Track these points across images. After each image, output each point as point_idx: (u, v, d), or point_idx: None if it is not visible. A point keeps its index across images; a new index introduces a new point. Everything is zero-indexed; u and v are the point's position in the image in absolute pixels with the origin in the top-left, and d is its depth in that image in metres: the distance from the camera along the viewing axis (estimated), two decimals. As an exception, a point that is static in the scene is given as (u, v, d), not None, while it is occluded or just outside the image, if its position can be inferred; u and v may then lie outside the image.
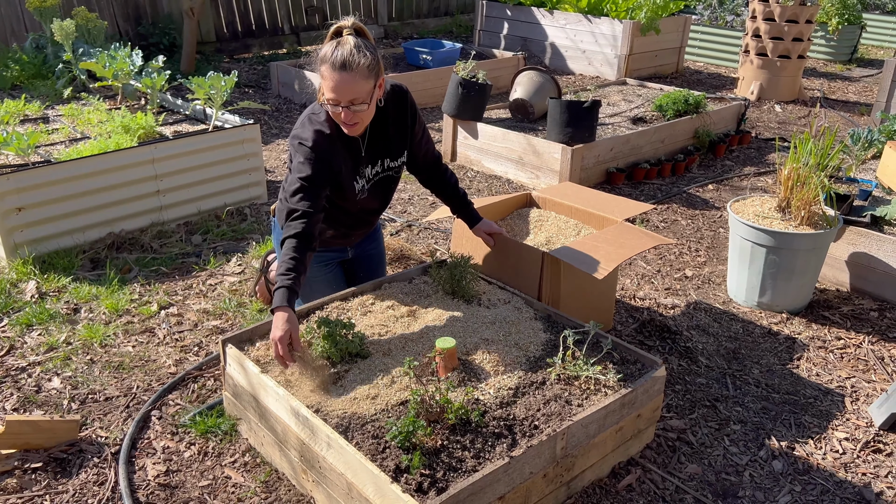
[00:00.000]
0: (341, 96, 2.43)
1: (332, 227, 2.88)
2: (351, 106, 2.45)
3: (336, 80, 2.40)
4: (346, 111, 2.46)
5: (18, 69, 5.75)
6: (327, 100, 2.46)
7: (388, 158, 2.80)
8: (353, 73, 2.39)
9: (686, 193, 5.14)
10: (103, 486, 2.43)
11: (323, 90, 2.48)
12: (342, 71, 2.39)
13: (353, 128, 2.55)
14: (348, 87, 2.41)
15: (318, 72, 2.47)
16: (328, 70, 2.41)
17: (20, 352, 3.12)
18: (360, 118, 2.52)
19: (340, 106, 2.45)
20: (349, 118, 2.49)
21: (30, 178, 3.79)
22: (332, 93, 2.43)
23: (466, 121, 5.46)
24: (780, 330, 3.47)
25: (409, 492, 2.00)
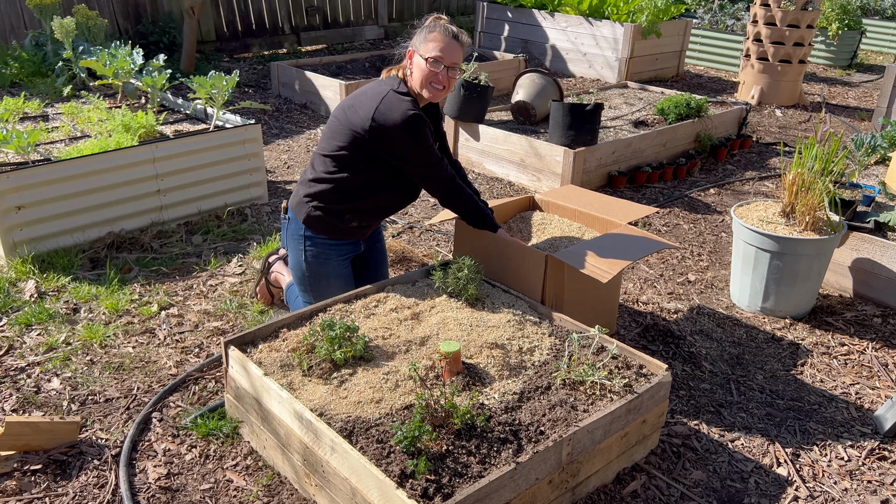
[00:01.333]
0: (448, 57, 2.71)
1: (357, 217, 2.92)
2: (449, 69, 2.72)
3: (448, 43, 2.70)
4: (444, 72, 2.72)
5: (18, 67, 5.72)
6: (432, 57, 2.68)
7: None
8: (460, 43, 2.76)
9: (688, 197, 5.13)
10: (104, 488, 2.40)
11: (425, 51, 2.70)
12: (454, 39, 2.73)
13: (441, 92, 2.79)
14: (456, 51, 2.73)
15: (424, 40, 2.72)
16: (441, 35, 2.70)
17: (19, 352, 3.10)
18: (451, 83, 2.78)
19: (443, 65, 2.70)
20: (444, 80, 2.74)
21: (29, 177, 3.76)
22: (441, 52, 2.69)
23: (468, 123, 5.45)
24: (783, 335, 3.46)
25: (414, 497, 1.99)
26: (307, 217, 2.90)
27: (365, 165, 2.80)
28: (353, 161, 2.78)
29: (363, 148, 2.75)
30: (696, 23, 9.82)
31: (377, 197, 2.89)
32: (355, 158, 2.77)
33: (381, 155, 2.76)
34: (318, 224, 2.90)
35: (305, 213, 2.90)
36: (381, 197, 2.91)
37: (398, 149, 2.73)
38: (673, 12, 8.20)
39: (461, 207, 2.98)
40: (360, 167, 2.80)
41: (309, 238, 2.94)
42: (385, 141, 2.71)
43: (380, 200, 2.93)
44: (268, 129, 6.28)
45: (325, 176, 2.85)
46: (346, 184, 2.83)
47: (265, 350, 2.60)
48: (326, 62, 7.57)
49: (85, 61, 5.14)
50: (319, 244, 2.95)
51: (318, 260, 2.96)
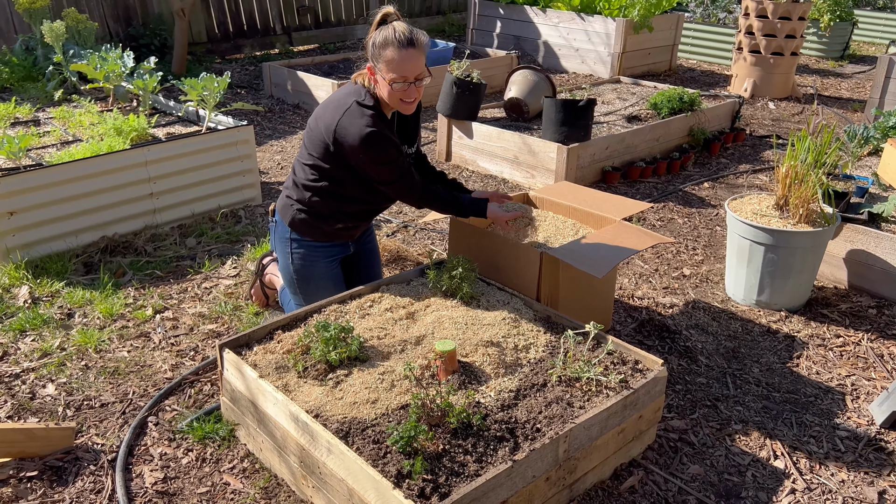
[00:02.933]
0: (410, 72, 2.53)
1: (344, 220, 2.89)
2: (416, 81, 2.56)
3: (405, 57, 2.50)
4: (412, 87, 2.57)
5: (8, 72, 5.69)
6: (392, 80, 2.53)
7: (407, 145, 2.90)
8: (418, 48, 2.54)
9: (682, 192, 5.13)
10: (100, 494, 2.39)
11: (383, 74, 2.54)
12: (410, 48, 2.51)
13: (411, 105, 2.64)
14: (416, 62, 2.53)
15: (378, 57, 2.54)
16: (395, 50, 2.49)
17: (13, 358, 3.08)
18: (419, 95, 2.64)
19: (408, 82, 2.54)
20: (412, 95, 2.60)
21: (21, 182, 3.74)
22: (402, 71, 2.51)
23: (461, 120, 5.44)
24: (779, 328, 3.46)
25: (411, 497, 1.98)
26: (292, 220, 2.89)
27: (343, 174, 2.77)
28: (331, 171, 2.76)
29: (336, 158, 2.72)
30: (689, 16, 9.82)
31: (361, 200, 2.87)
32: (332, 169, 2.74)
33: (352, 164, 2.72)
34: (304, 227, 2.89)
35: (291, 217, 2.89)
36: (364, 200, 2.89)
37: (359, 164, 2.67)
38: (665, 6, 8.20)
39: (438, 208, 2.95)
40: (338, 176, 2.77)
41: (295, 241, 2.93)
42: (348, 154, 2.66)
43: (363, 203, 2.90)
44: (261, 130, 6.27)
45: (307, 183, 2.83)
46: (327, 191, 2.81)
47: (260, 352, 2.59)
48: (319, 62, 7.55)
49: (76, 65, 5.12)
50: (306, 247, 2.94)
51: (305, 262, 2.95)
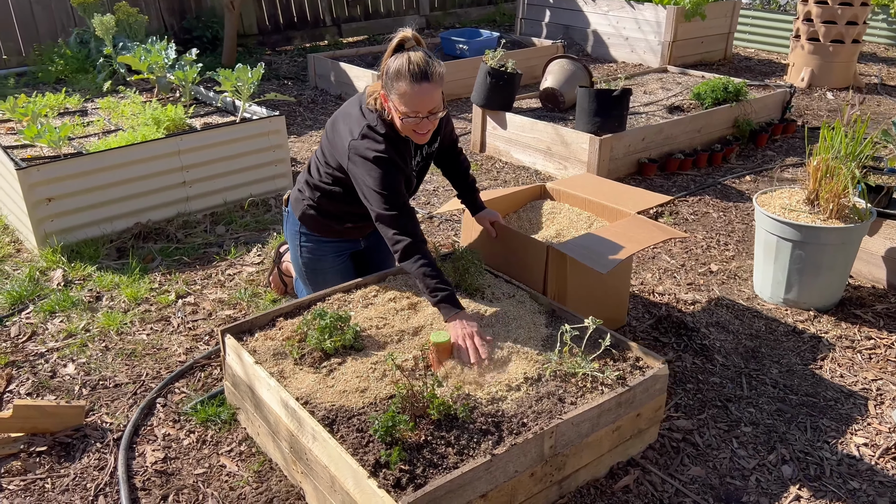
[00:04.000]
0: (423, 108, 2.41)
1: (353, 220, 2.89)
2: (430, 115, 2.45)
3: (417, 91, 2.37)
4: (425, 121, 2.45)
5: (63, 63, 5.94)
6: (404, 114, 2.42)
7: (427, 146, 2.82)
8: (432, 82, 2.39)
9: (721, 185, 4.97)
10: (103, 471, 2.48)
11: (396, 105, 2.43)
12: (424, 82, 2.37)
13: (425, 136, 2.54)
14: (430, 96, 2.40)
15: (391, 88, 2.42)
16: (408, 84, 2.37)
17: (41, 338, 3.22)
18: (434, 126, 2.52)
19: (419, 117, 2.43)
20: (426, 127, 2.48)
21: (59, 170, 3.90)
22: (414, 106, 2.40)
23: (495, 111, 5.39)
24: (805, 328, 3.32)
25: (385, 487, 1.98)
26: (302, 215, 2.91)
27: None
28: (345, 180, 2.70)
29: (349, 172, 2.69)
30: (747, 3, 9.47)
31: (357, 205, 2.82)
32: (346, 178, 2.69)
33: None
34: (313, 223, 2.91)
35: (301, 211, 2.91)
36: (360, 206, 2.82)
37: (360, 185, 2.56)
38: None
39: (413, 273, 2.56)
40: (351, 186, 2.71)
41: (304, 234, 2.95)
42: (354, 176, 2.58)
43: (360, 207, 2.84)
44: (302, 121, 6.36)
45: (320, 185, 2.81)
46: (339, 195, 2.79)
47: (261, 339, 2.64)
48: (363, 53, 7.60)
49: (122, 57, 5.30)
50: (315, 241, 2.95)
51: (313, 256, 2.97)
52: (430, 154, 2.85)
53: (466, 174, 3.08)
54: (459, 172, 3.06)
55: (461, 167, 3.06)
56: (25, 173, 3.79)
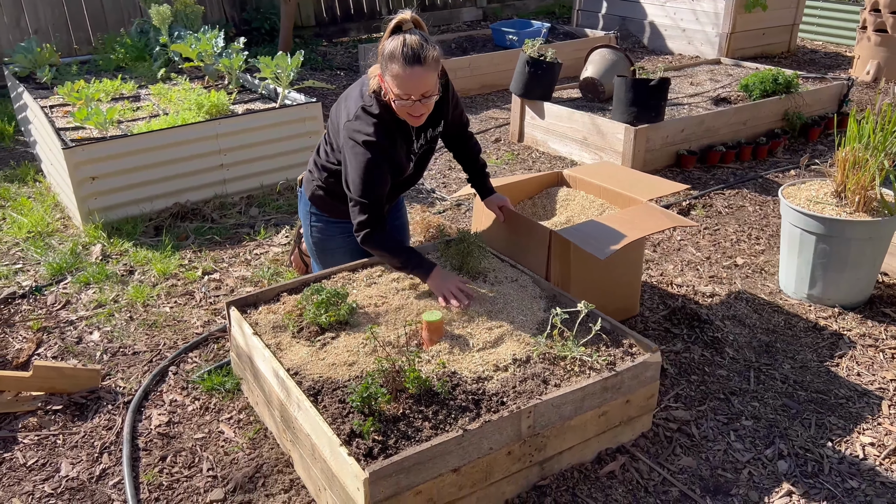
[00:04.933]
0: (414, 91, 2.41)
1: None
2: (422, 99, 2.45)
3: (409, 74, 2.37)
4: (417, 104, 2.45)
5: (123, 52, 6.21)
6: (397, 96, 2.42)
7: (430, 129, 2.83)
8: (425, 66, 2.38)
9: (762, 178, 4.81)
10: (110, 430, 2.63)
11: (390, 87, 2.44)
12: (416, 65, 2.36)
13: (419, 118, 2.55)
14: (421, 80, 2.39)
15: (385, 69, 2.43)
16: (400, 67, 2.37)
17: (73, 307, 3.42)
18: (427, 109, 2.52)
19: (412, 100, 2.44)
20: (419, 110, 2.48)
21: (103, 150, 4.11)
22: (406, 89, 2.40)
23: (533, 100, 5.37)
24: (827, 325, 3.20)
25: (356, 455, 2.04)
26: (312, 195, 2.97)
27: None
28: None
29: None
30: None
31: None
32: None
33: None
34: (322, 203, 2.97)
35: (311, 191, 2.98)
36: None
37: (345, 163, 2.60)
38: (783, -17, 7.65)
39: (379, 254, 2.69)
40: None
41: (315, 215, 3.01)
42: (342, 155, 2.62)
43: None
44: (347, 109, 6.46)
45: (328, 165, 2.87)
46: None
47: (264, 312, 2.73)
48: (413, 44, 7.66)
49: (174, 45, 5.52)
50: (324, 221, 3.01)
51: (323, 235, 3.03)
52: (434, 137, 2.87)
53: (476, 158, 3.08)
54: (469, 156, 3.06)
55: (471, 151, 3.06)
56: (71, 152, 4.01)
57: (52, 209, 4.45)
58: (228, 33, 7.63)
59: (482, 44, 7.66)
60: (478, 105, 6.61)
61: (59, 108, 4.96)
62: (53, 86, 5.41)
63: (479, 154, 3.09)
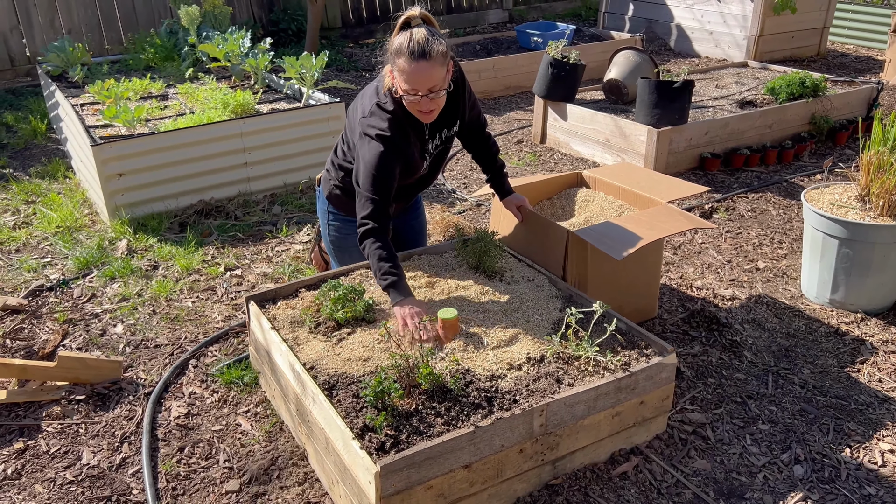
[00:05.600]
0: (421, 86, 2.43)
1: None
2: (429, 94, 2.46)
3: (415, 68, 2.39)
4: (425, 100, 2.47)
5: (153, 52, 6.32)
6: (405, 91, 2.45)
7: (446, 129, 2.85)
8: (431, 60, 2.39)
9: (787, 182, 4.76)
10: (131, 421, 2.68)
11: (398, 82, 2.47)
12: (421, 60, 2.38)
13: (430, 115, 2.57)
14: (427, 74, 2.41)
15: (393, 64, 2.46)
16: (406, 61, 2.40)
17: (98, 300, 3.49)
18: (437, 105, 2.54)
19: (419, 95, 2.46)
20: (427, 106, 2.50)
21: (130, 147, 4.19)
22: (412, 83, 2.42)
23: (556, 102, 5.37)
24: (849, 331, 3.16)
25: (368, 449, 2.06)
26: (330, 194, 3.00)
27: None
28: None
29: None
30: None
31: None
32: None
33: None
34: (339, 202, 2.98)
35: (329, 190, 3.00)
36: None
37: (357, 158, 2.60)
38: (813, -15, 7.56)
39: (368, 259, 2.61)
40: None
41: (332, 214, 3.03)
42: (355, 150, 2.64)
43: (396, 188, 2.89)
44: (371, 110, 6.51)
45: (344, 164, 2.89)
46: None
47: (282, 307, 2.77)
48: (439, 45, 7.69)
49: (202, 45, 5.60)
50: (341, 220, 3.03)
51: (340, 234, 3.05)
52: (449, 138, 2.88)
53: (494, 158, 3.08)
54: (487, 156, 3.06)
55: (489, 151, 3.06)
56: (99, 149, 4.09)
57: (80, 205, 4.55)
58: (256, 34, 7.74)
59: (506, 46, 7.67)
60: (501, 106, 6.62)
61: (89, 107, 5.06)
62: (84, 84, 5.53)
63: (497, 154, 3.10)
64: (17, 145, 5.65)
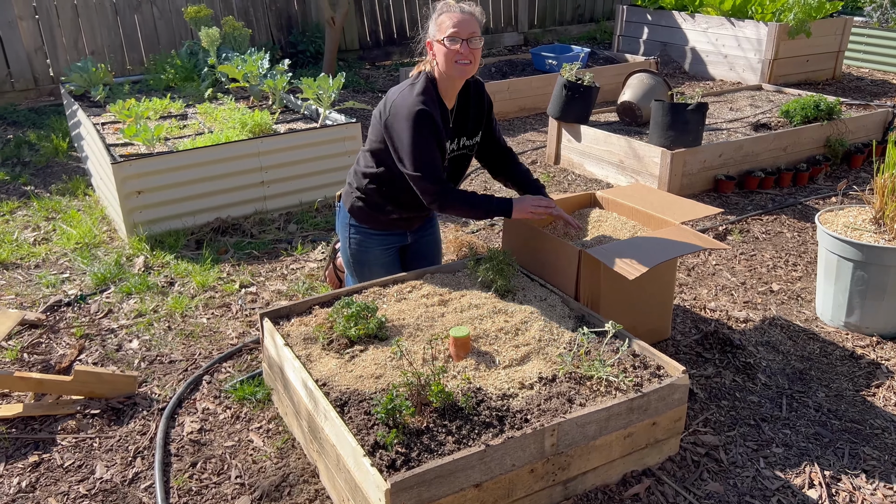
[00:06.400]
0: (464, 29, 2.69)
1: (398, 210, 3.00)
2: (470, 41, 2.70)
3: (459, 17, 2.70)
4: (465, 46, 2.70)
5: (173, 73, 6.43)
6: (448, 36, 2.68)
7: (465, 137, 2.97)
8: (471, 14, 2.74)
9: (801, 205, 4.74)
10: (144, 435, 2.70)
11: (442, 32, 2.70)
12: (462, 12, 2.72)
13: (469, 67, 2.75)
14: (470, 22, 2.71)
15: (436, 23, 2.74)
16: (449, 13, 2.70)
17: (115, 315, 3.53)
18: (475, 56, 2.75)
19: (461, 38, 2.69)
20: (468, 54, 2.71)
21: (149, 165, 4.26)
22: (455, 27, 2.68)
23: (570, 123, 5.40)
24: (864, 354, 3.13)
25: (379, 466, 2.06)
26: (352, 207, 3.05)
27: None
28: (388, 156, 2.86)
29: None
30: (864, 21, 8.97)
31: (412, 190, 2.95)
32: (386, 153, 2.86)
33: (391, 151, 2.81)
34: (361, 214, 3.03)
35: (351, 203, 3.05)
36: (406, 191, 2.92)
37: (395, 140, 2.74)
38: (827, 9, 7.58)
39: (462, 211, 2.89)
40: (393, 161, 2.88)
41: (353, 227, 3.08)
42: (391, 133, 2.75)
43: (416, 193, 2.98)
44: (387, 131, 6.57)
45: (367, 171, 2.96)
46: (384, 178, 2.92)
47: (296, 324, 2.79)
48: (454, 67, 7.76)
49: (222, 66, 5.70)
50: (363, 233, 3.08)
51: (361, 248, 3.09)
52: (467, 146, 2.94)
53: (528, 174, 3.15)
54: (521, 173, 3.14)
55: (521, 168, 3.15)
56: (119, 167, 4.16)
57: (99, 222, 4.61)
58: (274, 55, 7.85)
59: (522, 68, 7.73)
60: (515, 128, 6.66)
61: (110, 125, 5.15)
62: (106, 104, 5.63)
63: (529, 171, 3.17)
64: (39, 163, 5.75)
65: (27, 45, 7.38)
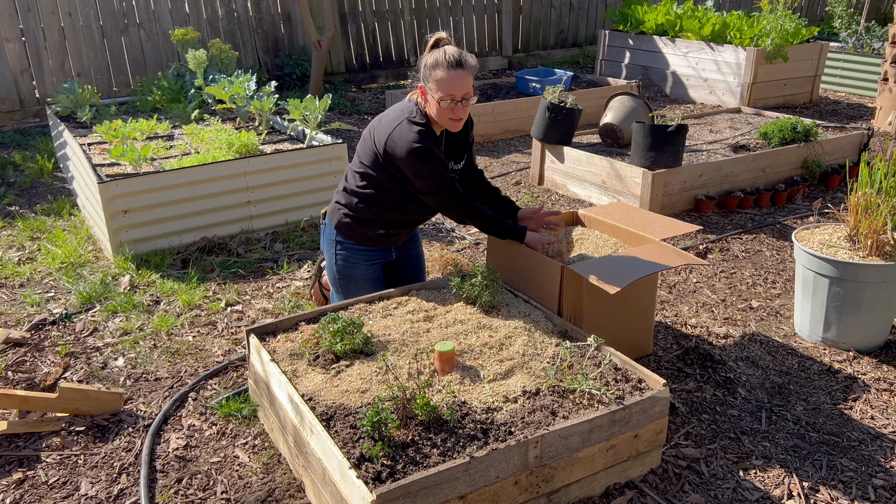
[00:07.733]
0: (458, 92, 2.71)
1: (384, 227, 3.05)
2: (463, 101, 2.74)
3: (453, 77, 2.69)
4: (458, 106, 2.74)
5: (160, 94, 6.47)
6: (441, 98, 2.71)
7: (453, 161, 3.06)
8: (466, 69, 2.72)
9: (780, 224, 4.84)
10: (130, 452, 2.70)
11: (434, 93, 2.73)
12: (458, 68, 2.70)
13: (459, 123, 2.83)
14: (463, 81, 2.72)
15: (429, 77, 2.73)
16: (444, 70, 2.69)
17: (100, 334, 3.53)
18: (466, 113, 2.81)
19: (455, 101, 2.72)
20: (459, 113, 2.77)
21: (135, 185, 4.28)
22: (450, 90, 2.70)
23: (554, 145, 5.48)
24: (841, 368, 3.20)
25: (365, 479, 2.09)
26: (338, 223, 3.09)
27: (389, 183, 2.92)
28: (378, 179, 2.92)
29: (384, 169, 2.89)
30: (840, 46, 9.20)
31: (403, 209, 3.01)
32: (379, 177, 2.91)
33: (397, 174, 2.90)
34: (348, 230, 3.08)
35: (337, 220, 3.09)
36: (406, 209, 3.02)
37: (406, 175, 2.86)
38: (804, 35, 7.76)
39: (480, 226, 3.06)
40: (384, 185, 2.93)
41: (340, 243, 3.12)
42: (398, 165, 2.84)
43: (406, 213, 3.04)
44: (373, 152, 6.63)
45: (356, 189, 3.01)
46: (373, 198, 2.97)
47: (282, 340, 2.81)
48: (439, 90, 7.87)
49: (209, 88, 5.75)
50: (349, 249, 3.12)
51: (347, 264, 3.13)
52: (455, 171, 3.02)
53: (496, 189, 3.24)
54: (494, 193, 3.24)
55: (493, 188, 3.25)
56: (106, 186, 4.18)
57: (84, 241, 4.62)
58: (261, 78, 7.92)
59: (506, 91, 7.84)
60: (500, 149, 6.75)
61: (96, 146, 5.17)
62: (92, 125, 5.65)
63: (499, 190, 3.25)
64: (23, 183, 5.75)
65: (13, 66, 7.40)
